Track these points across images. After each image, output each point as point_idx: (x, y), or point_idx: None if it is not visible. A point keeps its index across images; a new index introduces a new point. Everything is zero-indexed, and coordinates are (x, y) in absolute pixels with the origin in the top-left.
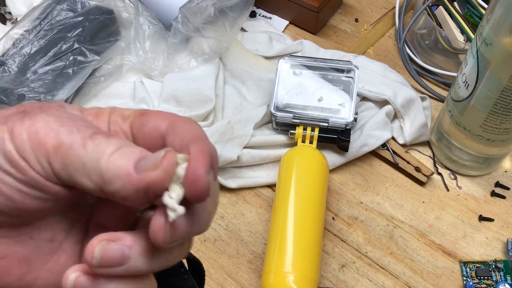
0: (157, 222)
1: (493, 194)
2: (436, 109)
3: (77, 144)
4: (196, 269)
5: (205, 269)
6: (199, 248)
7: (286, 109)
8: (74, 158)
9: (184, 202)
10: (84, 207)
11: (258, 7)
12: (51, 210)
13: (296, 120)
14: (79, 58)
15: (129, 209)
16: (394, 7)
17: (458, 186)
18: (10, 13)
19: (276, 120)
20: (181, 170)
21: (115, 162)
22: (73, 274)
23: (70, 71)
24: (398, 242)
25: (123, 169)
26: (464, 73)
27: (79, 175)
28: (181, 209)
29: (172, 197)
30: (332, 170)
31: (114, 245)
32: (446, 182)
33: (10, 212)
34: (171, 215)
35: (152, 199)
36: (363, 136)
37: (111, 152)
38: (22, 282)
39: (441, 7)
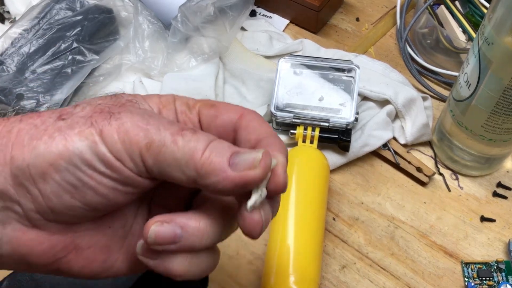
0: (255, 219)
1: (495, 194)
2: (438, 109)
3: (168, 141)
4: None
5: None
6: None
7: (287, 109)
8: (167, 155)
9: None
10: (148, 191)
11: (258, 6)
12: (134, 200)
13: (296, 120)
14: (78, 57)
15: (185, 190)
16: (395, 6)
17: (460, 187)
18: (8, 12)
19: (277, 120)
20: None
21: (210, 158)
22: (141, 241)
23: (69, 70)
24: (399, 242)
25: (219, 166)
26: (465, 73)
27: (172, 170)
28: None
29: (262, 193)
30: (333, 170)
31: (167, 226)
32: (448, 182)
33: (104, 209)
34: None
35: (244, 192)
36: (364, 136)
37: (202, 148)
38: (104, 265)
39: (442, 6)
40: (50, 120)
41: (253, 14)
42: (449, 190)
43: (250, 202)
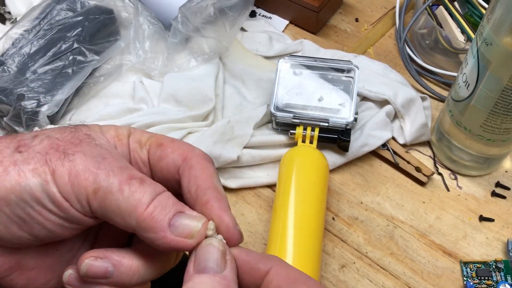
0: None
1: (494, 194)
2: (437, 109)
3: (114, 188)
4: None
5: None
6: None
7: (286, 109)
8: (112, 202)
9: None
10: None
11: (258, 7)
12: (81, 232)
13: (296, 120)
14: (79, 58)
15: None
16: (395, 7)
17: (459, 186)
18: (9, 12)
19: (276, 120)
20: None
21: (152, 216)
22: (68, 270)
23: (69, 71)
24: (398, 242)
25: (159, 225)
26: (464, 73)
27: (115, 216)
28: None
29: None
30: (332, 170)
31: (101, 262)
32: (447, 182)
33: (49, 240)
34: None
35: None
36: (363, 136)
37: (147, 202)
38: (48, 285)
39: (441, 7)
40: (8, 151)
41: (253, 14)
42: (448, 190)
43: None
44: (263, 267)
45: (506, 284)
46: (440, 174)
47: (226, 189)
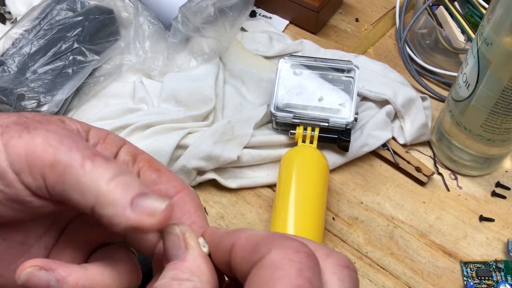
0: None
1: (494, 194)
2: (437, 109)
3: (75, 163)
4: None
5: None
6: None
7: (286, 109)
8: (72, 176)
9: None
10: (61, 218)
11: (258, 7)
12: (28, 219)
13: (296, 120)
14: (79, 57)
15: (96, 235)
16: (395, 7)
17: (459, 186)
18: (9, 12)
19: (276, 120)
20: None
21: (114, 191)
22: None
23: (69, 70)
24: (398, 242)
25: (120, 201)
26: (464, 73)
27: (73, 192)
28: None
29: None
30: (332, 170)
31: (43, 274)
32: (447, 182)
33: None
34: None
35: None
36: (363, 136)
37: (109, 178)
38: None
39: (441, 7)
40: None
41: (253, 14)
42: (448, 190)
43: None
44: (227, 243)
45: (506, 284)
46: (440, 174)
47: (226, 189)
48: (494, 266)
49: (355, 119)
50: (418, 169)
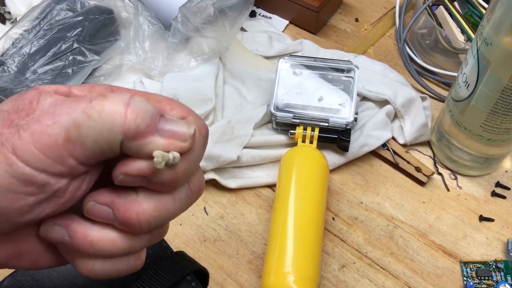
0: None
1: (494, 194)
2: (437, 109)
3: (82, 119)
4: (201, 277)
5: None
6: (199, 248)
7: (286, 109)
8: (88, 133)
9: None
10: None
11: (258, 7)
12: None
13: (296, 120)
14: (79, 58)
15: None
16: (394, 7)
17: (459, 186)
18: (9, 12)
19: (276, 120)
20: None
21: (135, 123)
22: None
23: (69, 71)
24: (398, 242)
25: (146, 130)
26: (464, 73)
27: (99, 143)
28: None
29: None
30: (332, 170)
31: (58, 229)
32: (447, 182)
33: (31, 221)
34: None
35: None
36: (363, 136)
37: (122, 112)
38: (51, 264)
39: (441, 7)
40: None
41: (253, 14)
42: (448, 190)
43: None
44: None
45: (506, 284)
46: (440, 174)
47: (226, 189)
48: (494, 266)
49: (355, 119)
50: (418, 169)
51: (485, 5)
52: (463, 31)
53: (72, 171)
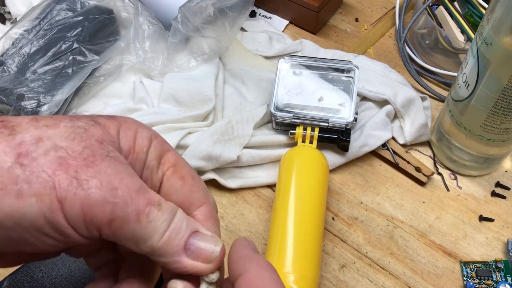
0: None
1: (494, 194)
2: (437, 109)
3: (132, 218)
4: None
5: None
6: None
7: (286, 109)
8: (128, 231)
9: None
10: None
11: (258, 7)
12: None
13: (296, 120)
14: (79, 58)
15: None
16: (394, 7)
17: (459, 186)
18: (9, 12)
19: (276, 120)
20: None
21: (168, 242)
22: None
23: (69, 71)
24: (398, 242)
25: (175, 250)
26: (464, 73)
27: (128, 242)
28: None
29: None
30: (332, 170)
31: None
32: (447, 182)
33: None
34: None
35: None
36: (363, 136)
37: (164, 230)
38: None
39: (441, 7)
40: (7, 160)
41: (253, 14)
42: (448, 190)
43: None
44: (236, 270)
45: (506, 284)
46: (440, 174)
47: (226, 189)
48: (493, 266)
49: (355, 119)
50: (418, 169)
51: (485, 5)
52: (463, 31)
53: (90, 238)
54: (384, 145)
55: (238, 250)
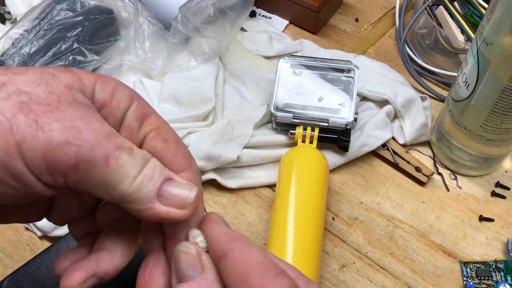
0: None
1: (494, 194)
2: (437, 109)
3: (100, 162)
4: None
5: None
6: None
7: (286, 109)
8: (95, 175)
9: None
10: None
11: (258, 7)
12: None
13: (296, 120)
14: (79, 58)
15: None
16: (394, 7)
17: (459, 186)
18: (9, 12)
19: (276, 120)
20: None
21: (139, 187)
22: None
23: None
24: (398, 242)
25: (146, 196)
26: (464, 73)
27: (97, 188)
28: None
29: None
30: (332, 170)
31: (79, 274)
32: (446, 182)
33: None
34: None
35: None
36: (363, 136)
37: (135, 174)
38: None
39: (441, 7)
40: None
41: (253, 14)
42: (448, 190)
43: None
44: (221, 249)
45: (506, 284)
46: (440, 174)
47: (226, 189)
48: (493, 266)
49: (355, 119)
50: (418, 169)
51: (485, 5)
52: (463, 31)
53: (55, 187)
54: (384, 145)
55: (215, 227)
